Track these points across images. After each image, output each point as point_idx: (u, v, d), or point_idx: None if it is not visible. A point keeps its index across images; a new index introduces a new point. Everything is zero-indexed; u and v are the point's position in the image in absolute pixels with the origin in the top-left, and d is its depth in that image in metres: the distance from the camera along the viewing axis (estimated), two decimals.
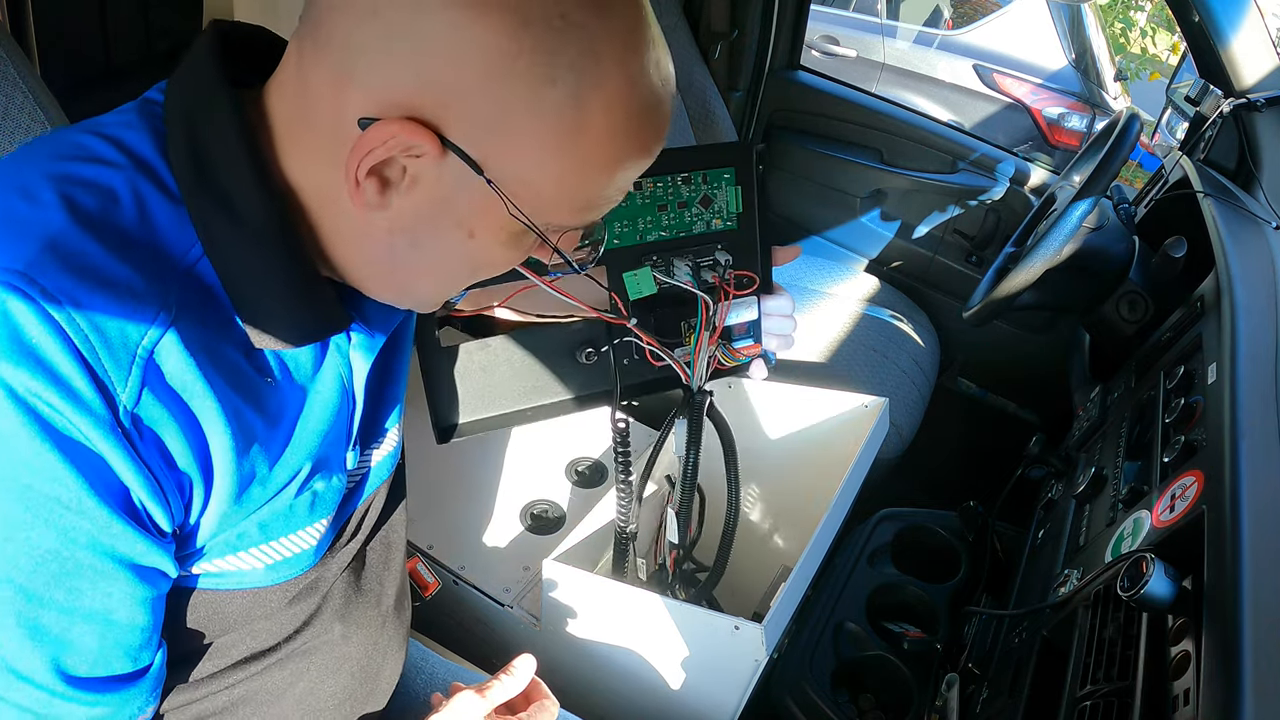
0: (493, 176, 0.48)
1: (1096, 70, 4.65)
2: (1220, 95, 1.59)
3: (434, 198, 0.50)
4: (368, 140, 0.47)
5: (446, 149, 0.47)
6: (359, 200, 0.50)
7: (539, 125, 0.47)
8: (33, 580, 0.47)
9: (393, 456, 0.73)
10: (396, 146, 0.47)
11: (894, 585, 1.20)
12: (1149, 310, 1.36)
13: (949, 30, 5.00)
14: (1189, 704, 0.62)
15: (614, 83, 0.47)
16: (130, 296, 0.47)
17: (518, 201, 0.49)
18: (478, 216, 0.51)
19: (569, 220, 0.53)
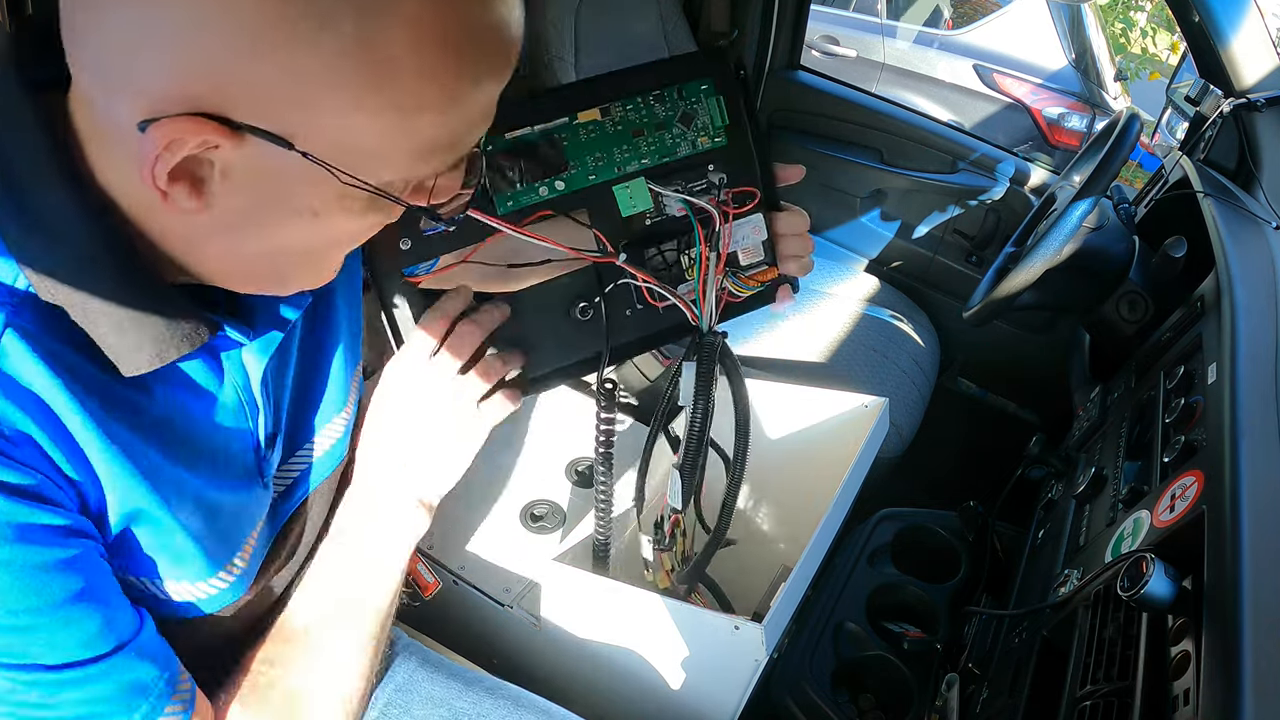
0: (308, 148, 0.43)
1: (1096, 70, 4.65)
2: (1220, 95, 1.59)
3: (255, 185, 0.45)
4: (150, 146, 0.42)
5: (243, 134, 0.42)
6: (173, 209, 0.45)
7: (334, 80, 0.41)
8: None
9: (333, 455, 0.70)
10: (185, 146, 0.42)
11: (894, 585, 1.20)
12: (1149, 310, 1.36)
13: (949, 30, 5.00)
14: (1189, 704, 0.62)
15: (409, 8, 0.41)
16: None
17: (347, 166, 0.44)
18: (312, 194, 0.46)
19: (419, 170, 0.48)
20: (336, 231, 0.50)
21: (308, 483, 0.69)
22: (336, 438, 0.70)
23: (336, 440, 0.70)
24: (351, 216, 0.49)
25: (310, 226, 0.48)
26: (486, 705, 0.90)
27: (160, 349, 0.49)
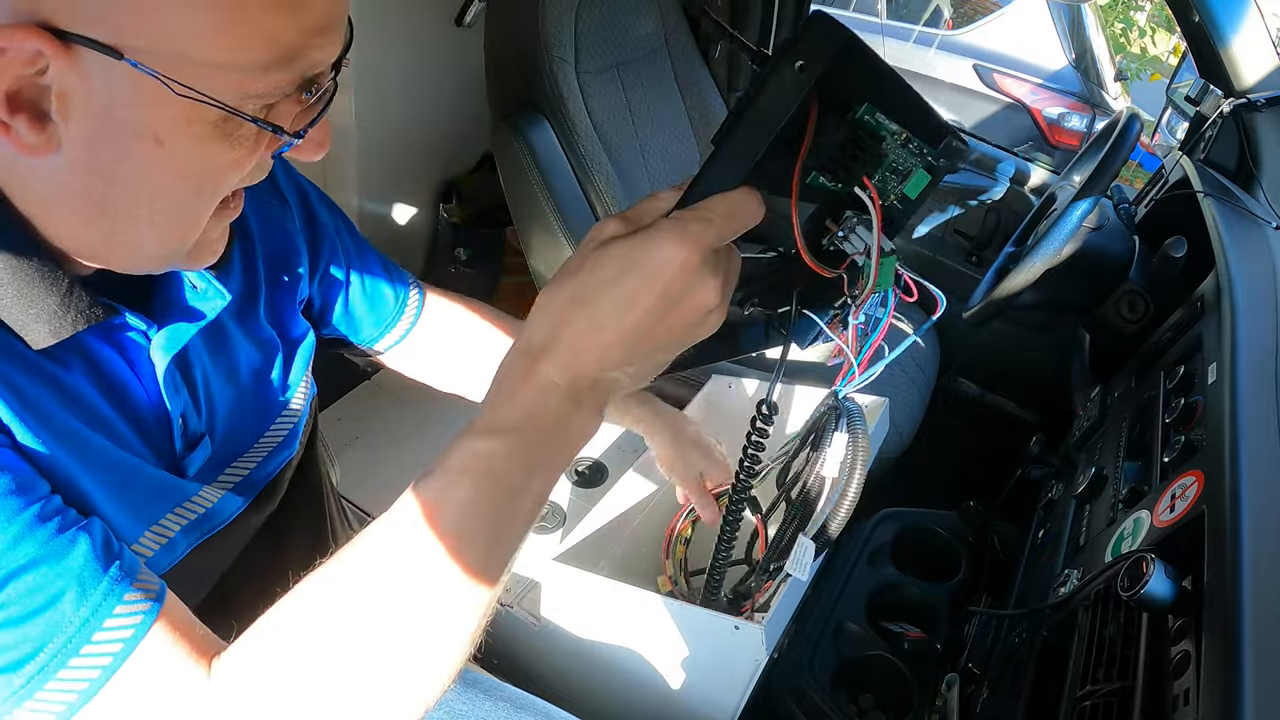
0: (138, 58, 0.41)
1: (1096, 70, 4.65)
2: (1220, 95, 1.59)
3: (94, 110, 0.43)
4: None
5: (70, 44, 0.40)
6: (21, 146, 0.43)
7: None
8: None
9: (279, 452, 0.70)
10: (15, 64, 0.40)
11: (894, 585, 1.20)
12: (1149, 310, 1.36)
13: (949, 30, 5.00)
14: (1189, 704, 0.62)
15: None
16: None
17: (182, 78, 0.42)
18: (149, 113, 0.43)
19: (258, 84, 0.44)
20: (188, 166, 0.47)
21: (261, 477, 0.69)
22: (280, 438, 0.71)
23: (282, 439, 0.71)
24: (199, 146, 0.46)
25: (157, 161, 0.45)
26: (485, 707, 0.90)
27: (55, 326, 0.49)
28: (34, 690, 0.45)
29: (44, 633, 0.45)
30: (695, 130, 2.04)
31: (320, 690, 0.47)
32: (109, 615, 0.47)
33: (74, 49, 0.40)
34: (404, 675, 0.47)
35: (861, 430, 0.77)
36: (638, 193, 1.81)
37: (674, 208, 0.48)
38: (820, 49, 0.45)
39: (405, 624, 0.47)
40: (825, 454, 0.78)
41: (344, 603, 0.47)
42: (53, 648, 0.45)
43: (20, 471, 0.47)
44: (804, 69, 0.45)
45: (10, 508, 0.45)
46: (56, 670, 0.45)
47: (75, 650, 0.46)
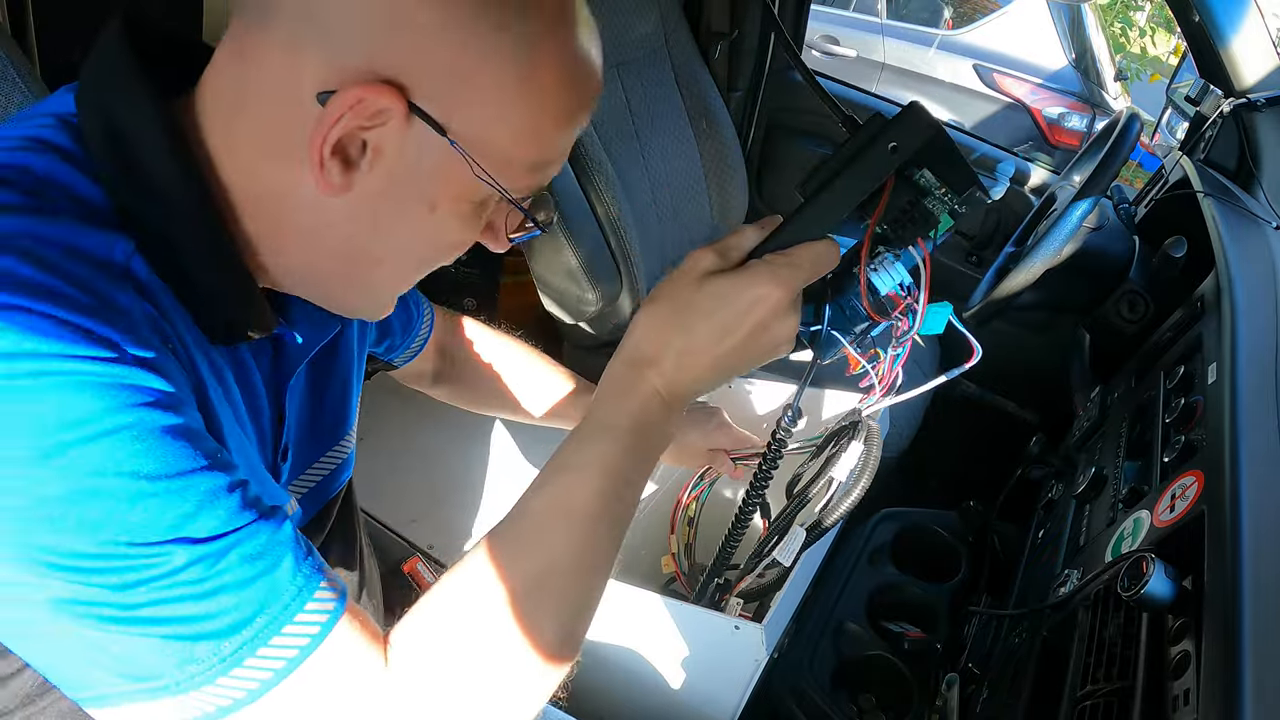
0: (457, 139, 0.48)
1: (1096, 70, 4.65)
2: (1220, 95, 1.59)
3: (397, 170, 0.49)
4: (333, 111, 0.46)
5: (411, 113, 0.47)
6: (324, 184, 0.48)
7: (497, 75, 0.47)
8: None
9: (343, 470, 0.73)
10: (363, 113, 0.46)
11: (894, 585, 1.20)
12: (1149, 310, 1.36)
13: (949, 30, 5.00)
14: (1189, 704, 0.62)
15: (562, 30, 0.49)
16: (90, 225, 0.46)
17: (483, 163, 0.49)
18: (440, 185, 0.51)
19: (524, 180, 0.53)
20: (439, 234, 0.54)
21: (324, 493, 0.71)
22: (345, 455, 0.73)
23: (345, 457, 0.73)
24: (455, 220, 0.53)
25: (422, 222, 0.52)
26: None
27: (236, 332, 0.53)
28: (240, 660, 0.44)
29: (262, 598, 0.45)
30: (695, 130, 2.04)
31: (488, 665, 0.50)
32: (310, 598, 0.47)
33: (412, 117, 0.47)
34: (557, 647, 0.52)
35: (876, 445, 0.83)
36: (637, 193, 1.81)
37: (761, 246, 0.57)
38: (913, 137, 0.55)
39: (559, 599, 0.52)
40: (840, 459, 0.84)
41: (505, 585, 0.51)
42: (265, 618, 0.45)
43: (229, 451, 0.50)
44: (896, 150, 0.55)
45: (231, 478, 0.46)
46: (265, 641, 0.45)
47: (280, 625, 0.45)
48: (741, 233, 0.58)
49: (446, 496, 1.30)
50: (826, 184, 0.56)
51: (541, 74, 0.49)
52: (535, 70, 0.48)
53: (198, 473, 0.44)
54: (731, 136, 2.09)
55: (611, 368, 0.57)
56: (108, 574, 0.41)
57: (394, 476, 1.30)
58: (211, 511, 0.44)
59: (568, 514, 0.53)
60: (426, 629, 0.51)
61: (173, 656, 0.43)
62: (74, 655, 0.43)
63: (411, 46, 0.46)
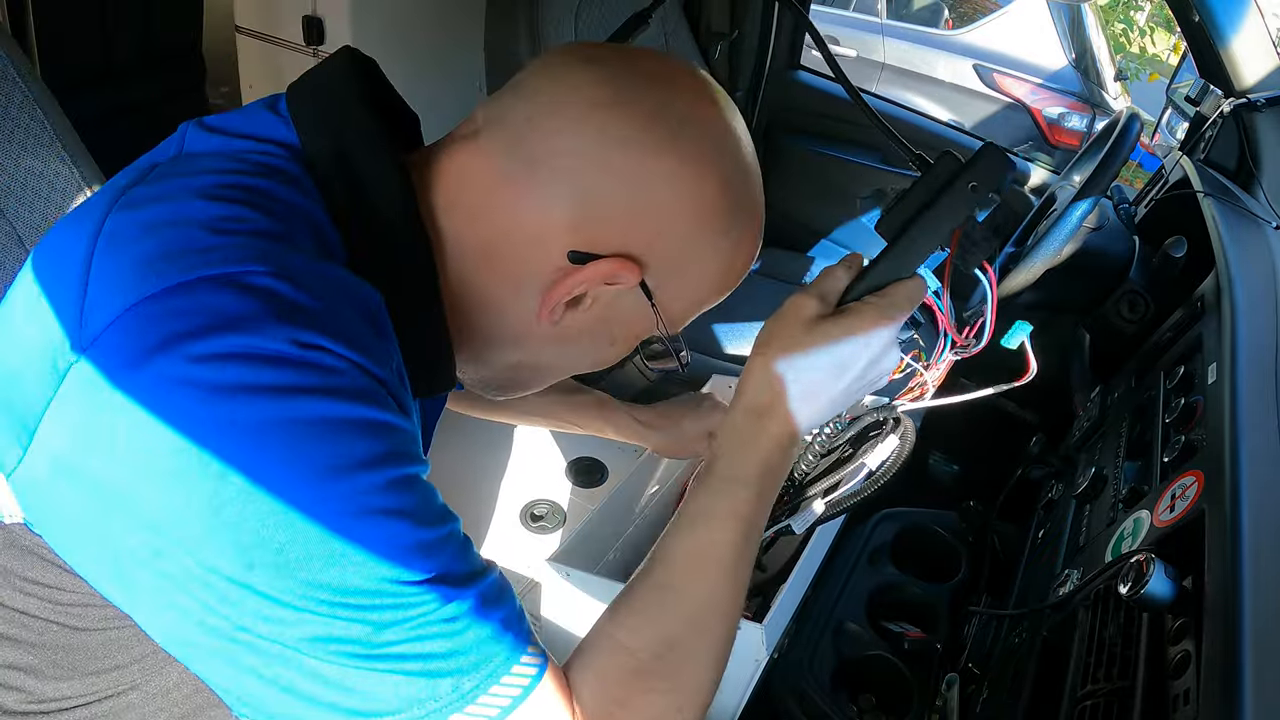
0: (655, 298, 0.55)
1: (1096, 70, 4.65)
2: (1220, 95, 1.59)
3: (604, 316, 0.57)
4: (585, 275, 0.52)
5: (640, 287, 0.54)
6: (546, 318, 0.55)
7: (708, 267, 0.57)
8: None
9: None
10: (604, 280, 0.53)
11: (894, 585, 1.20)
12: (1149, 310, 1.36)
13: (949, 30, 5.00)
14: (1189, 704, 0.62)
15: (756, 225, 0.59)
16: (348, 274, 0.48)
17: (665, 314, 0.57)
18: (627, 329, 0.59)
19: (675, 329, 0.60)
20: (604, 357, 0.62)
21: None
22: None
23: None
24: (624, 350, 0.61)
25: (599, 351, 0.61)
26: None
27: (442, 384, 0.58)
28: (474, 697, 0.46)
29: (497, 640, 0.47)
30: None
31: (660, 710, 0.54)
32: (526, 648, 0.49)
33: (639, 272, 0.54)
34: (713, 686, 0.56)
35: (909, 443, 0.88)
36: None
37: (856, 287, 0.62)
38: (992, 176, 0.60)
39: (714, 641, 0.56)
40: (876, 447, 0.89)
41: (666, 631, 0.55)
42: (498, 659, 0.47)
43: None
44: (975, 189, 0.60)
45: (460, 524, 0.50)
46: (497, 679, 0.46)
47: (509, 667, 0.47)
48: (833, 275, 0.63)
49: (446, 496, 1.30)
50: (908, 225, 0.61)
51: (737, 264, 0.59)
52: (734, 262, 0.58)
53: (448, 515, 0.49)
54: None
55: (731, 417, 0.61)
56: (370, 610, 0.43)
57: None
58: (464, 554, 0.48)
59: (711, 562, 0.57)
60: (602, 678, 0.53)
61: (414, 692, 0.44)
62: (294, 690, 0.43)
63: (660, 237, 0.53)
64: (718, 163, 0.54)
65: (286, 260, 0.44)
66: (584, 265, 0.52)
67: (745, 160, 0.57)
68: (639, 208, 0.52)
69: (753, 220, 0.58)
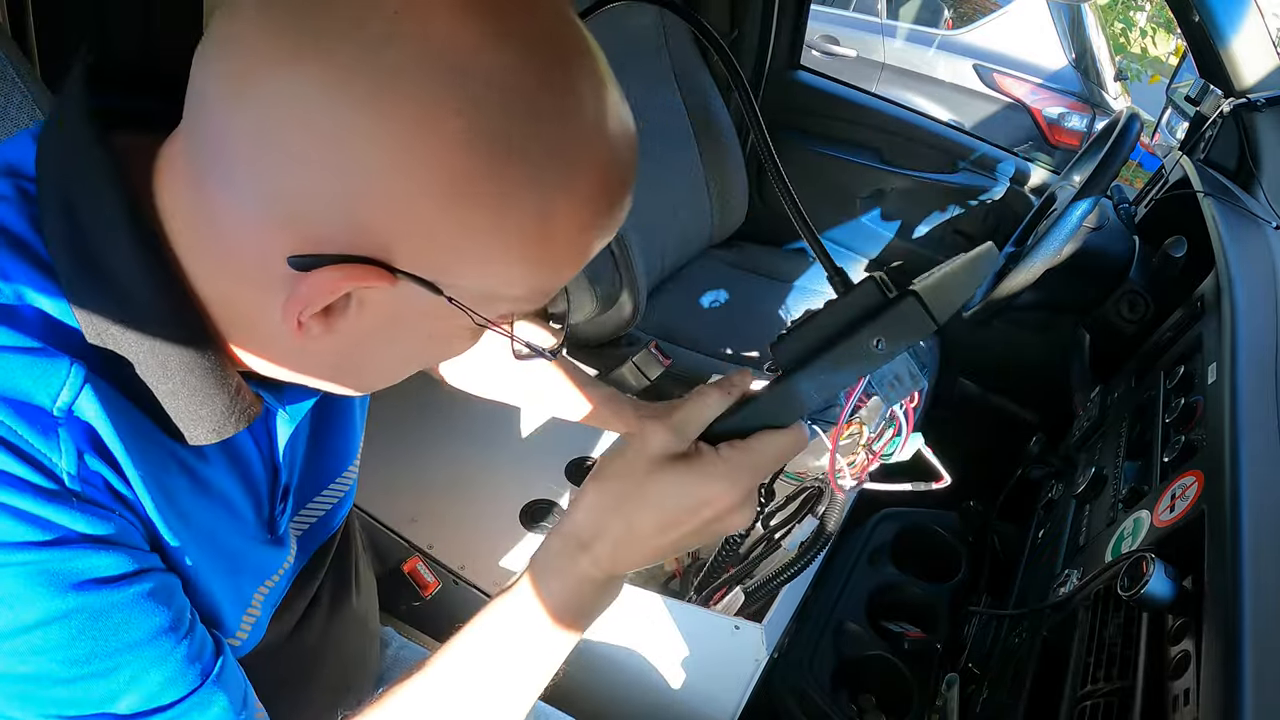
0: (454, 293, 0.43)
1: (1096, 70, 4.65)
2: (1220, 95, 1.59)
3: (387, 315, 0.45)
4: (309, 290, 0.41)
5: (399, 277, 0.42)
6: (300, 337, 0.44)
7: (501, 241, 0.42)
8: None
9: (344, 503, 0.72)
10: (341, 291, 0.42)
11: (894, 585, 1.20)
12: (1149, 310, 1.36)
13: (949, 30, 5.00)
14: (1189, 704, 0.62)
15: (582, 180, 0.42)
16: (28, 356, 0.41)
17: (479, 307, 0.45)
18: (436, 325, 0.47)
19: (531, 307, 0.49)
20: (438, 351, 0.52)
21: (323, 531, 0.70)
22: (347, 487, 0.72)
23: (347, 489, 0.72)
24: (456, 340, 0.50)
25: (418, 346, 0.50)
26: None
27: (219, 425, 0.48)
28: None
29: None
30: (695, 130, 2.04)
31: None
32: None
33: (399, 280, 0.42)
34: None
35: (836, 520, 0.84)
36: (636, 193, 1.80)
37: (720, 424, 0.52)
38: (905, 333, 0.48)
39: None
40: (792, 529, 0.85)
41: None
42: None
43: (177, 599, 0.48)
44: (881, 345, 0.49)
45: (173, 643, 0.46)
46: None
47: None
48: (702, 399, 0.53)
49: (446, 496, 1.30)
50: (803, 364, 0.50)
51: (557, 232, 0.43)
52: (549, 231, 0.42)
53: (134, 646, 0.45)
54: (731, 136, 2.09)
55: (549, 541, 0.54)
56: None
57: (394, 476, 1.30)
58: (142, 685, 0.45)
59: (470, 691, 0.53)
60: None
61: None
62: None
63: (403, 220, 0.40)
64: (469, 98, 0.38)
65: None
66: (311, 271, 0.41)
67: (543, 83, 0.39)
68: (351, 194, 0.39)
69: (564, 171, 0.41)
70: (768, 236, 2.27)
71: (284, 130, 0.38)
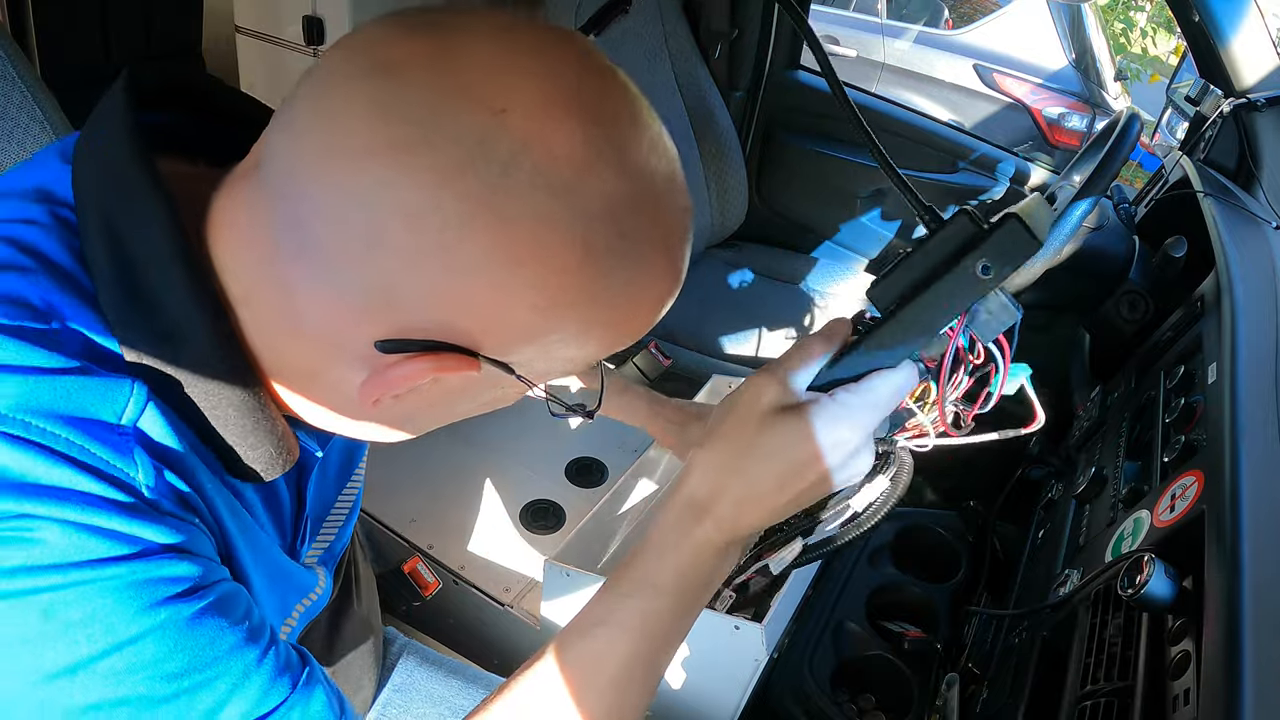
0: (523, 370, 0.44)
1: (1096, 70, 4.65)
2: (1220, 95, 1.59)
3: (456, 388, 0.46)
4: (397, 376, 0.42)
5: (480, 362, 0.42)
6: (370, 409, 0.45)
7: (584, 335, 0.44)
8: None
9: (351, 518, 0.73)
10: (430, 376, 0.42)
11: (894, 585, 1.20)
12: (1149, 310, 1.36)
13: (949, 30, 5.00)
14: (1189, 704, 0.62)
15: (659, 270, 0.44)
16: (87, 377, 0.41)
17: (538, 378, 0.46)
18: (495, 393, 0.48)
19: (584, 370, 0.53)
20: (487, 408, 0.52)
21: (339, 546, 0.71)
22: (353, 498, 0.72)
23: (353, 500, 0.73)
24: (509, 400, 0.50)
25: (474, 407, 0.50)
26: None
27: (267, 468, 0.48)
28: None
29: None
30: (695, 131, 2.04)
31: None
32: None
33: (480, 364, 0.43)
34: None
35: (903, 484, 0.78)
36: None
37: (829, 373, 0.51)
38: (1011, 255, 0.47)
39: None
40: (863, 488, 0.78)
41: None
42: None
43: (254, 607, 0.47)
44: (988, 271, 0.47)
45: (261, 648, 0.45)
46: None
47: None
48: (805, 351, 0.51)
49: (446, 496, 1.30)
50: (906, 301, 0.49)
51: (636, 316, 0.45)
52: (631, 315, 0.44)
53: (227, 656, 0.43)
54: (731, 136, 2.09)
55: (665, 510, 0.52)
56: None
57: (394, 476, 1.30)
58: (245, 694, 0.43)
59: (600, 675, 0.50)
60: None
61: None
62: None
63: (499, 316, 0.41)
64: (577, 211, 0.39)
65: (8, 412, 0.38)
66: (398, 355, 0.41)
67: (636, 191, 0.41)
68: (455, 294, 0.39)
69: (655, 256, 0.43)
70: (767, 236, 2.27)
71: (393, 232, 0.38)
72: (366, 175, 0.37)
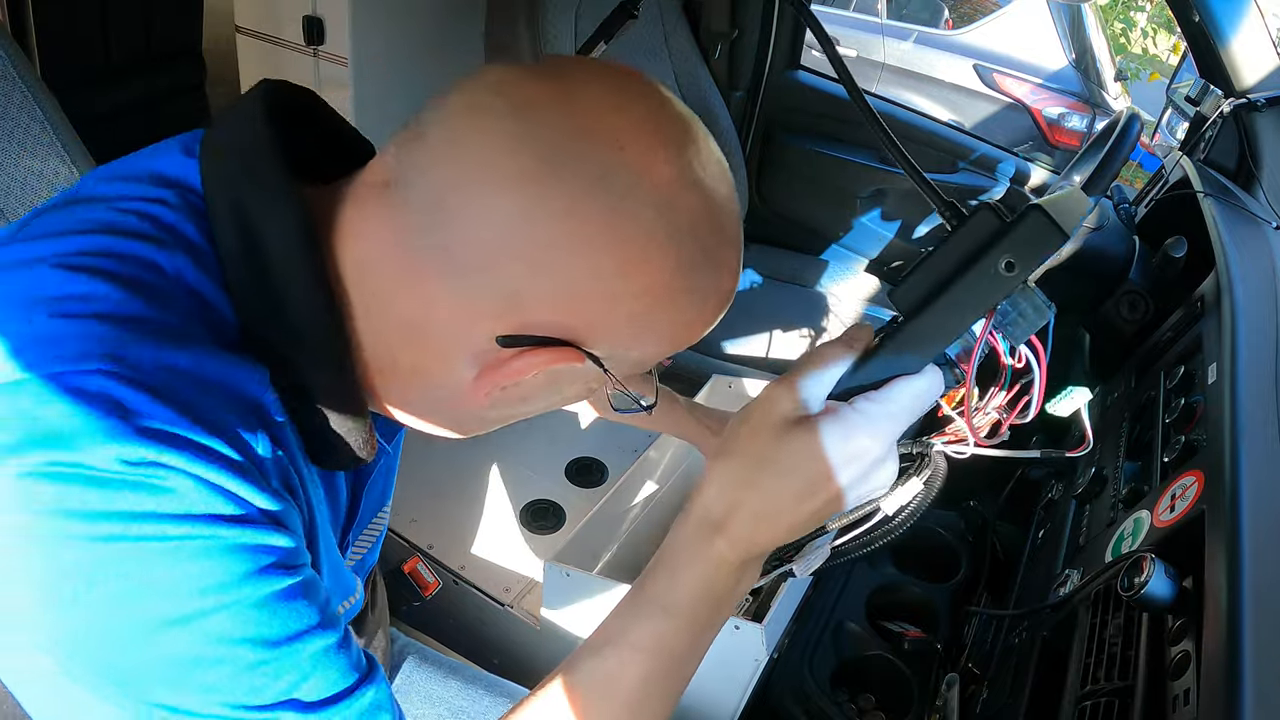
0: (610, 365, 0.49)
1: (1097, 70, 4.65)
2: (1220, 95, 1.59)
3: (552, 381, 0.50)
4: (517, 366, 0.47)
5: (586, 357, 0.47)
6: (480, 401, 0.50)
7: (664, 334, 0.49)
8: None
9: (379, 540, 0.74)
10: (545, 367, 0.47)
11: (894, 585, 1.20)
12: (1149, 310, 1.36)
13: (949, 30, 5.00)
14: (1189, 704, 0.62)
15: (724, 277, 0.49)
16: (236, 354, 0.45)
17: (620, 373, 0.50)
18: (578, 387, 0.53)
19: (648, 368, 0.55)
20: (555, 406, 0.55)
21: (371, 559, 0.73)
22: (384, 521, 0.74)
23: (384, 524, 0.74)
24: (576, 400, 0.55)
25: (549, 404, 0.54)
26: (485, 703, 0.90)
27: (353, 459, 0.52)
28: None
29: None
30: None
31: None
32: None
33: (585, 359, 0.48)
34: None
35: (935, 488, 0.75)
36: None
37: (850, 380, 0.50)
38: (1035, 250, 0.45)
39: None
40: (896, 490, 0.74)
41: None
42: None
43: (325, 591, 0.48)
44: (1011, 268, 0.46)
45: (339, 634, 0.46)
46: None
47: None
48: (823, 359, 0.50)
49: (446, 496, 1.30)
50: (928, 302, 0.47)
51: (704, 319, 0.50)
52: (701, 319, 0.50)
53: (311, 633, 0.44)
54: (732, 137, 2.09)
55: (679, 528, 0.51)
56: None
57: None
58: (324, 673, 0.45)
59: (614, 697, 0.50)
60: None
61: None
62: None
63: (610, 316, 0.47)
64: (673, 228, 0.45)
65: (131, 352, 0.41)
66: (516, 349, 0.46)
67: (710, 209, 0.47)
68: (574, 296, 0.45)
69: (723, 265, 0.49)
70: (767, 236, 2.27)
71: (528, 245, 0.44)
72: (506, 199, 0.43)
